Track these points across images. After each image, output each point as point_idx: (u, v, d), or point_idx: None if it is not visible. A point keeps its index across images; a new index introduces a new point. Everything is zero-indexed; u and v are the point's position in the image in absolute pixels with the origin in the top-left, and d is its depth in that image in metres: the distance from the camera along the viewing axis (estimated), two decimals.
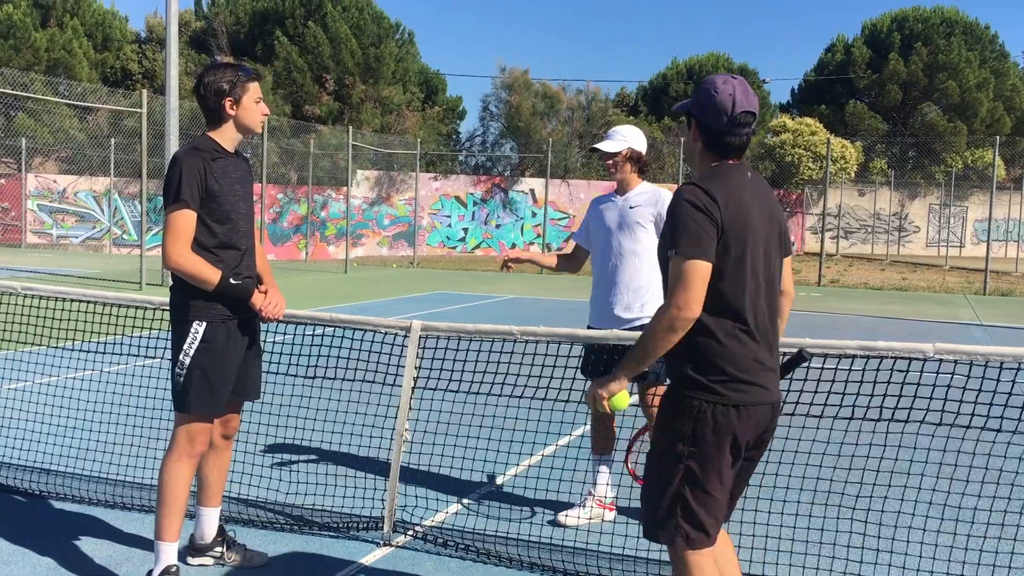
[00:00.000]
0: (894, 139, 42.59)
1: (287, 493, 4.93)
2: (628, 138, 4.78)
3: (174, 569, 3.69)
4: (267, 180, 22.51)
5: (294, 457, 5.32)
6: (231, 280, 3.64)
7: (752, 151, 38.11)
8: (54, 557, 4.08)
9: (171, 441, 3.73)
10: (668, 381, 2.92)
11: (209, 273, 3.59)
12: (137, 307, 4.83)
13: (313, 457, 5.52)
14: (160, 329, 5.52)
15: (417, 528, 4.49)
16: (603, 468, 4.79)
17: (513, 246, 33.57)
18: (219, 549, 4.02)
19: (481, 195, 33.61)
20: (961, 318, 15.12)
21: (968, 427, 3.77)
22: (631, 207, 4.76)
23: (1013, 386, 3.74)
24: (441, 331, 4.39)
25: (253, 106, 3.73)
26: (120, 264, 23.32)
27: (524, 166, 38.72)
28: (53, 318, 5.52)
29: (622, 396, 2.81)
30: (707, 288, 2.68)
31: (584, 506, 4.75)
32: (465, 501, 5.01)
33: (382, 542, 4.33)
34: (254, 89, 3.73)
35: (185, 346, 3.65)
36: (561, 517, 4.71)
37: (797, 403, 3.76)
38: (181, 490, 3.68)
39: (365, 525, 4.48)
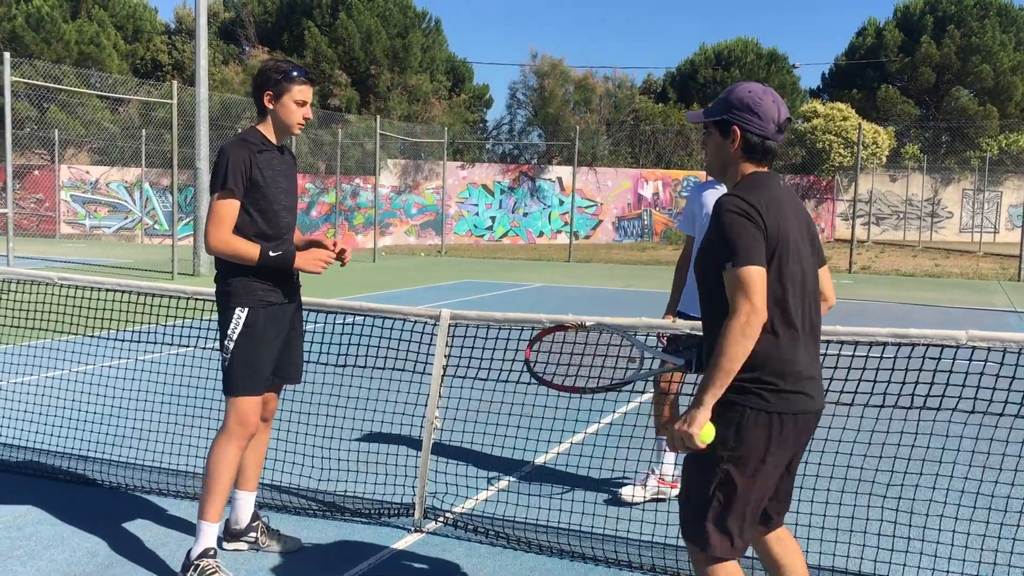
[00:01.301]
0: (927, 124, 42.00)
1: (319, 480, 4.99)
2: None
3: (212, 552, 3.76)
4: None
5: (326, 444, 5.37)
6: (270, 252, 3.74)
7: None
8: (92, 542, 4.16)
9: (223, 424, 3.84)
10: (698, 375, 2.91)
11: (248, 250, 3.71)
12: (170, 296, 4.90)
13: (344, 444, 5.57)
14: (192, 318, 5.59)
15: (447, 515, 4.53)
16: (668, 447, 4.84)
17: (541, 234, 33.57)
18: (254, 535, 4.09)
19: (508, 183, 33.60)
20: (995, 305, 14.93)
21: (1001, 415, 3.74)
22: None
23: None
24: (470, 319, 4.41)
25: (292, 107, 3.81)
26: (152, 254, 23.59)
27: (551, 154, 38.65)
28: (88, 307, 5.61)
29: (707, 429, 2.67)
30: None
31: (646, 484, 4.84)
32: (495, 488, 5.04)
33: (413, 528, 4.37)
34: (299, 91, 3.80)
35: (229, 331, 3.77)
36: (626, 495, 4.80)
37: (828, 390, 3.74)
38: (228, 472, 3.78)
39: (396, 511, 4.52)
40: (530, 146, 40.98)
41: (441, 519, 4.48)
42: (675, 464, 4.80)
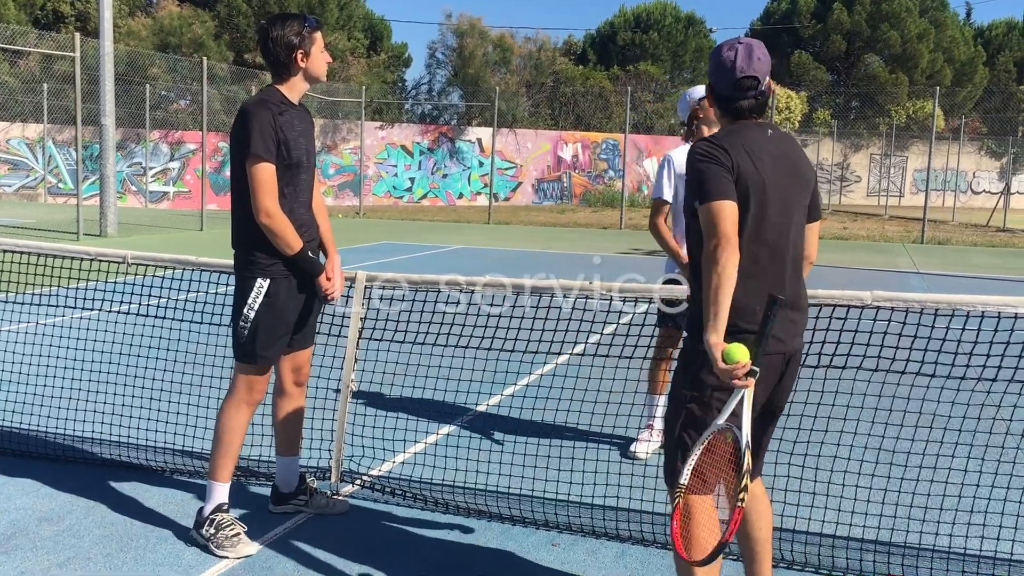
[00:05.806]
0: (838, 90, 42.99)
1: None
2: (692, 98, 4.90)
3: (226, 507, 3.80)
4: (208, 128, 21.96)
5: None
6: (309, 254, 3.73)
7: None
8: None
9: (231, 389, 3.84)
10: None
11: (293, 239, 3.67)
12: (72, 257, 4.72)
13: (259, 408, 5.49)
14: (97, 280, 5.40)
15: (364, 478, 4.50)
16: (658, 402, 5.08)
17: (460, 196, 33.41)
18: (303, 497, 4.13)
19: (428, 144, 33.28)
20: (899, 266, 15.46)
21: (903, 372, 3.86)
22: None
23: (947, 332, 3.84)
24: (386, 281, 4.36)
25: (320, 55, 3.75)
26: (56, 214, 22.72)
27: (471, 115, 38.38)
28: None
29: (733, 348, 2.62)
30: None
31: (651, 439, 5.06)
32: (412, 451, 5.02)
33: (330, 492, 4.33)
34: (319, 38, 3.76)
35: (250, 300, 3.74)
36: (638, 451, 5.01)
37: None
38: (237, 435, 3.82)
39: (313, 475, 4.47)
40: (450, 107, 40.61)
41: (358, 482, 4.46)
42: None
